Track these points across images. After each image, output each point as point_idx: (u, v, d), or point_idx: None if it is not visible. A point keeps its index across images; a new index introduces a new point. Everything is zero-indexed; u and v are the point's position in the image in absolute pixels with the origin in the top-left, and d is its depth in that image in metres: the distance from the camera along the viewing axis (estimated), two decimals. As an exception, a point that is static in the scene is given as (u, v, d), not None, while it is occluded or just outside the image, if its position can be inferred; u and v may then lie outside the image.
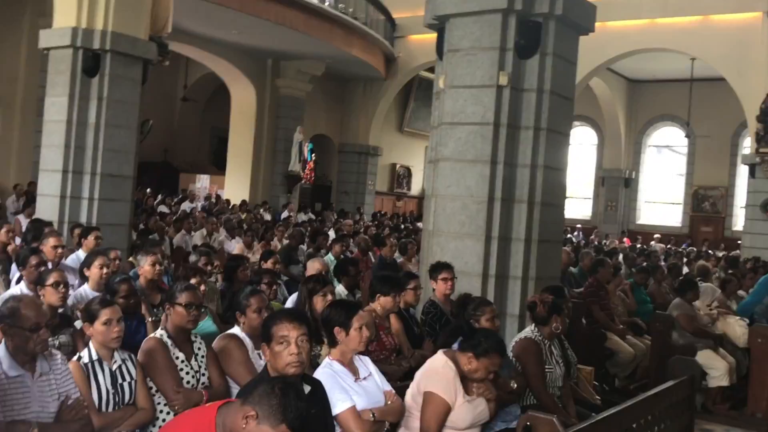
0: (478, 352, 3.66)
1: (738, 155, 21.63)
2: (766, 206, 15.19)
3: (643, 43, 17.13)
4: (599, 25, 6.93)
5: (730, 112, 19.35)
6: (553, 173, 6.09)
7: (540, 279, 5.92)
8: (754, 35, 15.53)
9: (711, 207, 22.93)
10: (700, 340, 7.38)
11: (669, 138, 24.15)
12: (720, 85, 17.47)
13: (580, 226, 23.33)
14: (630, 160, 24.06)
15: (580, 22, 6.19)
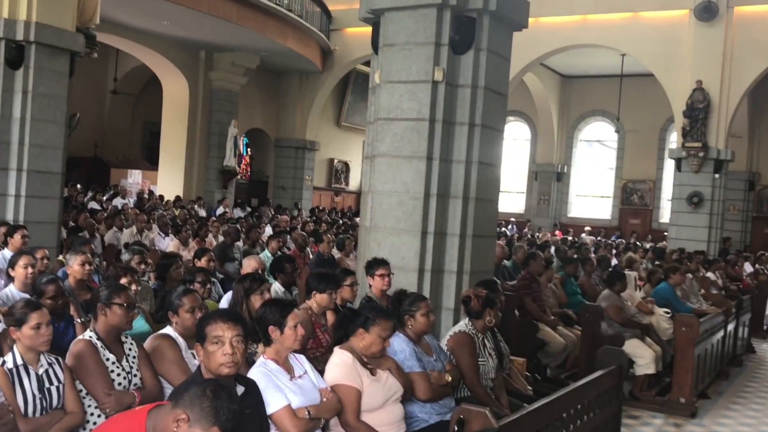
0: (366, 325, 3.82)
1: (665, 149, 22.35)
2: (691, 199, 15.75)
3: (575, 39, 17.51)
4: (532, 21, 7.05)
5: (658, 108, 19.97)
6: (488, 169, 6.19)
7: (474, 273, 6.01)
8: (681, 32, 16.06)
9: (639, 200, 23.66)
10: (628, 330, 7.63)
11: (600, 133, 24.78)
12: (649, 81, 18.01)
13: (514, 219, 23.77)
14: (562, 154, 24.59)
15: (513, 17, 6.28)
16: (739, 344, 10.30)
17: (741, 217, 21.21)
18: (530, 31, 7.30)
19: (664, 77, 16.51)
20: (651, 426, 6.97)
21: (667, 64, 16.37)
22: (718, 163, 15.73)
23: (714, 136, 15.60)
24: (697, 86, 15.49)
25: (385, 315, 3.96)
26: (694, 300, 9.73)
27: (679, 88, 16.00)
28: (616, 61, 19.30)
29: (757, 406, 7.94)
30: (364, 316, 3.91)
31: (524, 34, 7.17)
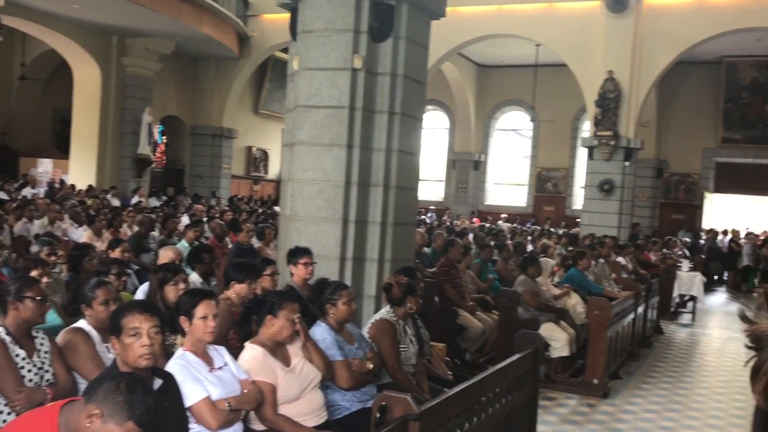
0: (273, 311, 3.83)
1: (578, 138, 23.02)
2: (602, 186, 16.29)
3: (491, 28, 17.77)
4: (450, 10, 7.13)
5: (571, 97, 20.50)
6: (407, 157, 6.23)
7: (395, 260, 6.06)
8: (594, 23, 16.52)
9: (553, 188, 24.33)
10: (543, 313, 7.86)
11: (515, 122, 25.30)
12: (562, 71, 18.45)
13: (434, 207, 24.06)
14: (479, 143, 25.01)
15: (431, 6, 6.33)
16: (648, 326, 10.76)
17: (649, 204, 22.11)
18: (448, 21, 7.38)
19: (577, 67, 16.96)
20: (566, 407, 7.21)
21: (580, 55, 16.82)
22: (628, 152, 16.29)
23: (624, 125, 16.15)
24: (609, 76, 15.97)
25: (289, 298, 3.96)
26: (606, 284, 10.10)
27: (591, 78, 16.47)
28: (531, 51, 19.70)
29: (665, 385, 8.33)
30: (269, 302, 3.89)
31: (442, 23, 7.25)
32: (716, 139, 21.74)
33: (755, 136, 21.24)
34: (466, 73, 23.73)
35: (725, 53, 20.24)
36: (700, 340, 11.68)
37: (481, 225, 18.75)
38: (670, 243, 17.55)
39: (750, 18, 15.27)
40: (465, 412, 3.88)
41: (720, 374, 9.11)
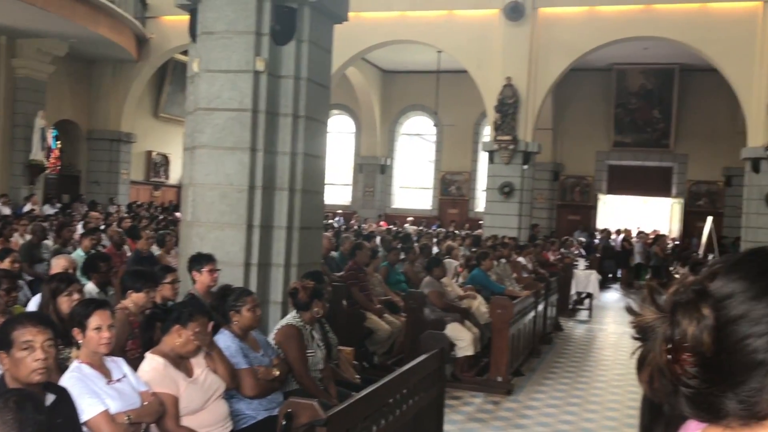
0: (182, 321, 3.72)
1: (479, 143, 23.54)
2: (503, 189, 16.71)
3: (394, 34, 17.93)
4: (353, 15, 7.13)
5: (472, 103, 20.93)
6: (313, 160, 6.18)
7: (302, 265, 5.99)
8: (492, 31, 16.93)
9: (457, 191, 24.79)
10: (449, 314, 7.96)
11: (420, 126, 25.64)
12: (463, 77, 18.83)
13: (341, 211, 24.06)
14: (385, 147, 25.21)
15: (334, 10, 6.32)
16: (548, 323, 11.10)
17: (547, 205, 22.86)
18: (351, 26, 7.38)
19: (477, 74, 17.33)
20: (471, 405, 7.32)
21: (480, 62, 17.20)
22: (526, 156, 16.78)
23: (523, 129, 16.62)
24: (507, 83, 16.42)
25: (201, 311, 3.84)
26: (507, 283, 10.34)
27: (491, 84, 16.87)
28: (434, 58, 20.01)
29: (565, 380, 8.59)
30: (178, 311, 3.77)
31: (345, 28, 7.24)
32: (608, 143, 22.73)
33: (644, 140, 22.35)
34: (370, 78, 23.87)
35: (615, 61, 21.20)
36: (596, 336, 12.13)
37: (388, 228, 18.87)
38: (567, 243, 18.18)
39: (637, 27, 16.04)
40: (373, 414, 3.86)
41: (616, 368, 9.48)
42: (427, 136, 25.55)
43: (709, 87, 20.23)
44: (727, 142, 20.17)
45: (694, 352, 0.99)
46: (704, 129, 21.42)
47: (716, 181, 21.95)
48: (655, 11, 15.89)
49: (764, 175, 14.79)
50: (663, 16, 15.79)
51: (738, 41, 15.23)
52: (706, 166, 21.74)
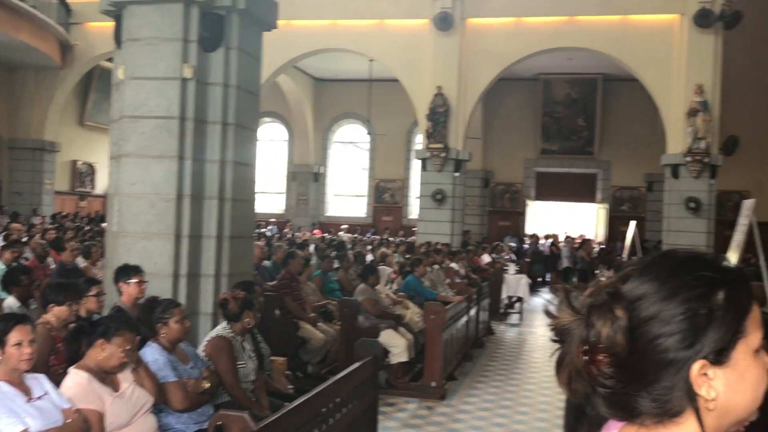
0: (108, 335, 3.62)
1: (412, 150, 23.72)
2: (435, 196, 16.84)
3: (325, 43, 17.89)
4: (284, 23, 7.08)
5: (404, 111, 21.07)
6: (243, 169, 6.09)
7: (233, 275, 5.89)
8: (423, 40, 17.09)
9: (390, 198, 24.89)
10: (383, 321, 7.96)
11: (353, 134, 25.65)
12: (395, 86, 18.91)
13: (274, 220, 23.83)
14: (318, 155, 25.12)
15: (263, 17, 6.25)
16: (480, 327, 11.22)
17: (478, 212, 23.18)
18: (282, 33, 7.33)
19: (409, 83, 17.46)
20: (406, 411, 7.32)
21: (411, 71, 17.33)
22: (457, 163, 16.97)
23: (454, 138, 16.81)
24: (438, 92, 16.59)
25: (129, 326, 3.72)
26: (441, 289, 10.41)
27: (422, 93, 17.01)
28: (365, 66, 20.07)
29: (497, 383, 8.69)
30: (105, 325, 3.64)
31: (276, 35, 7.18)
32: (536, 151, 23.23)
33: (570, 148, 22.94)
34: (302, 86, 23.76)
35: (542, 71, 21.71)
36: (527, 339, 12.33)
37: (322, 236, 18.78)
38: (498, 248, 18.46)
39: (561, 39, 16.46)
40: (305, 425, 3.80)
41: (546, 370, 9.64)
42: (360, 144, 25.57)
43: (630, 96, 20.90)
44: (648, 149, 20.85)
45: (609, 352, 1.03)
46: (626, 137, 22.11)
47: (638, 187, 22.68)
48: (578, 23, 16.34)
49: (683, 180, 15.35)
50: (586, 28, 16.25)
51: (657, 52, 15.80)
52: (629, 172, 22.45)
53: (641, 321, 1.02)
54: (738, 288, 1.03)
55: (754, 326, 1.04)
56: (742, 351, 1.03)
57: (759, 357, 1.04)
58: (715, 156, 15.23)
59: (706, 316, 1.01)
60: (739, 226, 7.08)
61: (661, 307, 1.02)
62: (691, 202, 15.09)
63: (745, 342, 1.03)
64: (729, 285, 1.03)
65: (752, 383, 1.03)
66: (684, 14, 15.47)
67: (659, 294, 1.03)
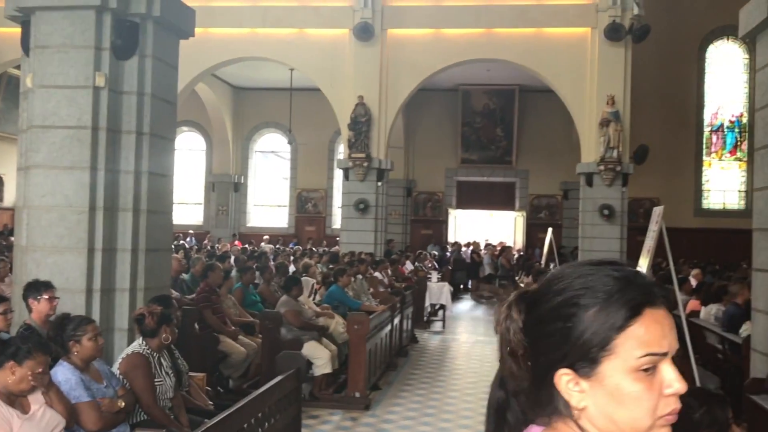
0: (18, 358, 3.47)
1: (334, 160, 23.68)
2: (358, 206, 16.85)
3: (245, 51, 17.69)
4: (202, 31, 6.98)
5: (326, 121, 21.03)
6: (159, 179, 5.94)
7: (149, 289, 5.72)
8: (343, 50, 17.13)
9: (313, 208, 24.77)
10: (306, 332, 7.89)
11: (274, 144, 25.41)
12: (317, 95, 18.86)
13: (193, 231, 23.36)
14: (238, 165, 24.76)
15: (179, 25, 6.12)
16: (404, 336, 11.27)
17: (401, 221, 23.36)
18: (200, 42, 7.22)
19: (330, 92, 17.44)
20: (330, 423, 7.27)
21: (332, 80, 17.33)
22: (380, 172, 17.05)
23: (376, 147, 16.89)
24: (359, 101, 16.63)
25: (41, 348, 3.55)
26: (364, 299, 10.41)
27: (344, 102, 17.03)
28: (286, 75, 19.95)
29: (421, 391, 8.74)
30: (16, 347, 3.47)
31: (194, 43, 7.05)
32: (456, 160, 23.62)
33: (489, 157, 23.44)
34: (221, 95, 23.41)
35: (461, 82, 22.10)
36: (450, 346, 12.47)
37: (243, 248, 18.51)
38: (421, 256, 18.63)
39: (480, 50, 16.80)
40: (226, 442, 3.72)
41: (468, 376, 9.77)
42: (282, 154, 25.37)
43: (546, 107, 21.49)
44: (563, 158, 21.50)
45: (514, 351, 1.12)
46: (543, 146, 22.74)
47: (555, 195, 23.35)
48: (495, 35, 16.71)
49: (597, 188, 15.88)
50: (503, 40, 16.64)
51: (570, 64, 16.32)
52: (546, 180, 23.09)
53: (530, 324, 1.11)
54: (610, 310, 1.06)
55: (633, 346, 1.05)
56: (611, 368, 1.05)
57: (643, 376, 1.05)
58: (626, 164, 15.82)
59: (579, 330, 1.06)
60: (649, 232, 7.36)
61: (544, 311, 1.10)
62: (605, 209, 15.61)
63: (614, 360, 1.05)
64: (602, 306, 1.07)
65: (628, 401, 1.05)
66: (595, 28, 16.05)
67: (548, 298, 1.10)
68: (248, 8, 17.28)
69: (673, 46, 20.66)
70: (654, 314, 1.08)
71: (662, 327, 1.08)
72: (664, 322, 1.08)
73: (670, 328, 1.09)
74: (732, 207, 21.87)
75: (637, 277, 1.10)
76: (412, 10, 16.96)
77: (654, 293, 1.09)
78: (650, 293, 1.08)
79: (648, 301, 1.08)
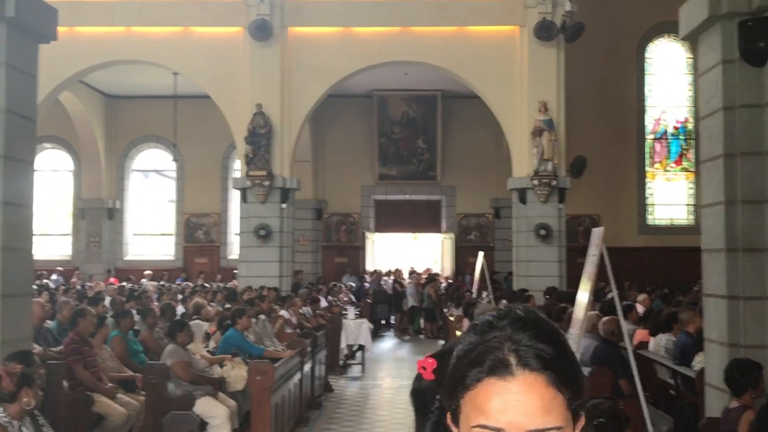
0: None
1: (229, 179, 23.49)
2: (258, 232, 16.74)
3: (118, 53, 17.38)
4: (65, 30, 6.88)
5: (218, 133, 20.86)
6: (16, 210, 5.80)
7: (6, 343, 5.55)
8: (237, 51, 17.06)
9: (205, 236, 24.44)
10: (199, 387, 7.77)
11: (156, 161, 24.97)
12: (206, 103, 18.69)
13: (60, 268, 22.64)
14: (113, 187, 24.19)
15: (38, 27, 6.03)
16: (317, 384, 11.24)
17: (311, 248, 23.35)
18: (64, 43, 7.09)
19: (222, 100, 17.33)
20: (230, 492, 7.16)
21: (224, 86, 17.22)
22: (284, 192, 17.02)
23: (279, 163, 16.85)
24: (258, 110, 16.55)
25: None
26: (268, 343, 10.33)
27: (239, 111, 16.93)
28: (169, 81, 19.70)
29: (336, 448, 8.73)
30: None
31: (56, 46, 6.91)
32: (373, 176, 23.83)
33: (410, 172, 23.72)
34: (91, 105, 22.88)
35: (376, 87, 22.39)
36: (370, 393, 12.51)
37: (121, 286, 18.08)
38: (335, 289, 18.65)
39: (395, 52, 17.10)
40: None
41: (392, 427, 9.82)
42: (166, 172, 24.98)
43: (472, 114, 22.01)
44: (493, 172, 22.05)
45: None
46: (470, 159, 23.24)
47: (485, 214, 23.86)
48: (412, 34, 17.05)
49: (531, 205, 16.33)
50: (421, 40, 16.99)
51: (497, 67, 16.82)
52: (474, 198, 23.57)
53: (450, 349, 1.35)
54: (464, 363, 1.26)
55: (472, 411, 1.23)
56: (463, 422, 1.25)
57: None
58: (563, 178, 16.36)
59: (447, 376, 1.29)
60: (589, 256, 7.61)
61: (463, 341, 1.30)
62: (541, 228, 16.07)
63: (463, 417, 1.25)
64: (456, 361, 1.28)
65: None
66: (524, 26, 16.60)
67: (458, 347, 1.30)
68: (121, 3, 17.09)
69: (609, 45, 21.56)
70: (498, 386, 1.21)
71: (504, 402, 1.19)
72: (508, 397, 1.19)
73: (516, 403, 1.19)
74: (680, 223, 22.89)
75: (499, 340, 1.24)
76: (316, 6, 17.14)
77: (505, 363, 1.21)
78: (502, 362, 1.21)
79: (493, 369, 1.21)
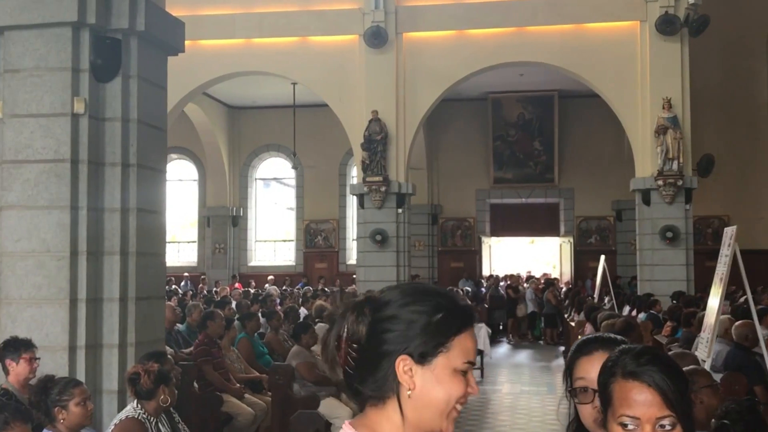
0: None
1: (347, 185, 23.74)
2: (375, 237, 16.89)
3: (239, 65, 17.88)
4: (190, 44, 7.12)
5: (336, 140, 21.12)
6: (149, 217, 6.04)
7: (141, 344, 5.79)
8: (353, 59, 17.25)
9: (324, 242, 24.79)
10: (323, 388, 7.89)
11: (277, 170, 25.51)
12: (324, 112, 19.03)
13: (188, 274, 23.42)
14: (236, 195, 24.87)
15: (166, 40, 6.26)
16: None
17: (427, 253, 23.30)
18: (188, 56, 7.35)
19: (339, 107, 17.56)
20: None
21: (341, 94, 17.44)
22: (400, 198, 17.08)
23: (394, 169, 16.94)
24: (373, 117, 16.69)
25: (22, 416, 3.61)
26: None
27: (355, 118, 17.12)
28: (288, 91, 20.11)
29: None
30: None
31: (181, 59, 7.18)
32: (488, 180, 23.58)
33: (527, 175, 23.34)
34: (214, 116, 23.62)
35: (490, 89, 22.17)
36: (491, 398, 12.38)
37: (246, 290, 18.60)
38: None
39: (510, 53, 16.90)
40: None
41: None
42: (286, 180, 25.50)
43: (591, 114, 21.46)
44: (614, 173, 21.42)
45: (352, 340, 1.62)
46: (589, 159, 22.65)
47: (606, 216, 23.21)
48: (528, 34, 16.81)
49: (656, 207, 15.79)
50: (536, 40, 16.73)
51: (617, 64, 16.36)
52: (594, 200, 22.94)
53: (380, 319, 1.62)
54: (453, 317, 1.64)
55: (461, 352, 1.63)
56: (442, 362, 1.62)
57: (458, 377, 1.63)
58: (689, 178, 15.74)
59: (421, 326, 1.61)
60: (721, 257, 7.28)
61: (395, 311, 1.62)
62: (667, 231, 15.50)
63: (446, 356, 1.62)
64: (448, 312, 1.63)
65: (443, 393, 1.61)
66: (645, 21, 16.09)
67: (399, 302, 1.63)
68: (242, 16, 17.51)
69: (737, 38, 20.60)
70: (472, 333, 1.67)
71: (474, 344, 1.68)
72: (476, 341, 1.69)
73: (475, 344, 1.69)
74: (817, 222, 21.64)
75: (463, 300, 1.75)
76: (430, 10, 17.12)
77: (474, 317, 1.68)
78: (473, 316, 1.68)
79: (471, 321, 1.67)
